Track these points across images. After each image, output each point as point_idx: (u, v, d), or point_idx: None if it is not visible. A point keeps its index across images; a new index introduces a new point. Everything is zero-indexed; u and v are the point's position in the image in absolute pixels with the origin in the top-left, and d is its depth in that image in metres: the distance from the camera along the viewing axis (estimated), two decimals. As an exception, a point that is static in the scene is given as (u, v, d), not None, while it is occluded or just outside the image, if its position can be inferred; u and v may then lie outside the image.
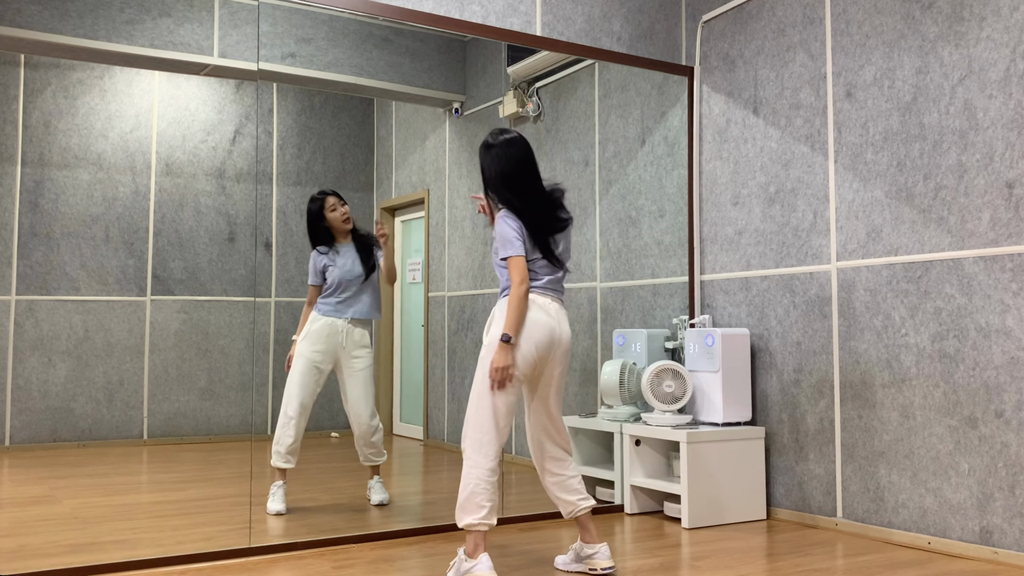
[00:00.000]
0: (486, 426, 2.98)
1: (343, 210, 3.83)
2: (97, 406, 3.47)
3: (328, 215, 3.81)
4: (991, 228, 3.41)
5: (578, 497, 3.17)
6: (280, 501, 3.71)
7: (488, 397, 2.99)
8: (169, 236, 3.64)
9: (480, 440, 2.97)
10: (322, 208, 3.81)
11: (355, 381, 3.81)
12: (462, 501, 2.94)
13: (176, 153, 3.65)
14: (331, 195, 3.83)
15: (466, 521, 2.92)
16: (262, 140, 3.80)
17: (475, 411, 3.01)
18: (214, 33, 3.64)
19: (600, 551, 3.13)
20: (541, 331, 3.05)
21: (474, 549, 2.92)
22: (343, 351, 3.80)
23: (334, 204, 3.82)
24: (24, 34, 3.33)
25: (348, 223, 3.84)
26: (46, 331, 3.39)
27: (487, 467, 2.95)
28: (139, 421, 3.54)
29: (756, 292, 4.36)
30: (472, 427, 2.99)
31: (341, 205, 3.83)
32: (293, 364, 3.72)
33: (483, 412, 2.99)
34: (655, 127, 4.69)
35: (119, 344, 3.51)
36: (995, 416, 3.37)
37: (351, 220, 3.85)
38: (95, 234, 3.49)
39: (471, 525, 2.92)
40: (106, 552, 3.22)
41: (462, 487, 2.96)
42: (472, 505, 2.93)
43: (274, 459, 3.68)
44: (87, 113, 3.49)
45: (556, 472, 3.17)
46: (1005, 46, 3.38)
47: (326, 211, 3.81)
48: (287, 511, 3.74)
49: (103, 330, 3.49)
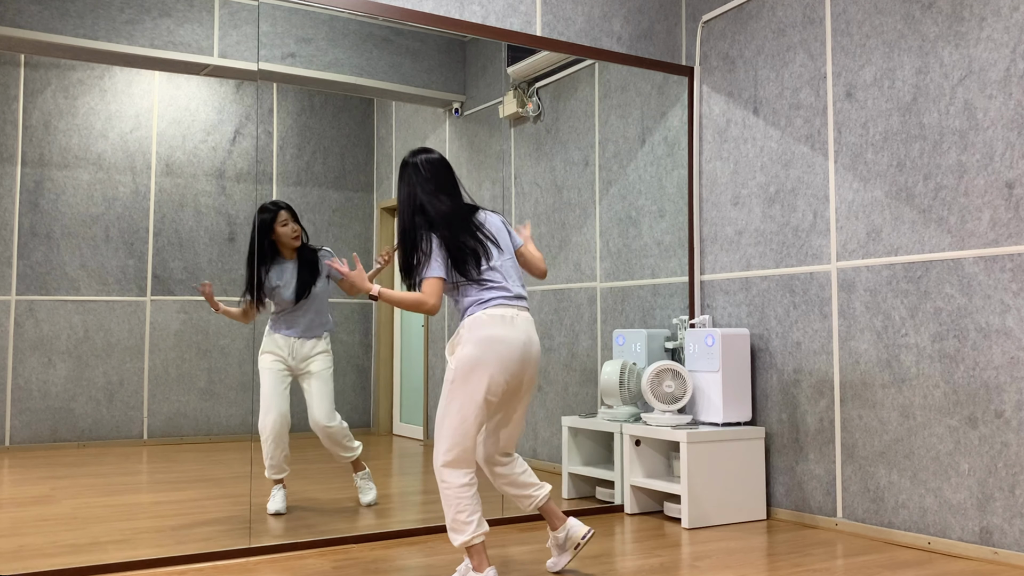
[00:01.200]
0: (456, 446, 2.91)
1: (294, 227, 3.74)
2: (97, 406, 3.47)
3: (279, 229, 3.73)
4: (991, 228, 3.41)
5: (533, 488, 3.15)
6: (280, 501, 3.71)
7: (456, 417, 2.91)
8: (169, 236, 3.64)
9: (449, 460, 2.91)
10: (273, 221, 3.72)
11: (309, 385, 3.79)
12: (449, 523, 2.91)
13: (176, 153, 3.65)
14: (284, 209, 3.74)
15: (460, 540, 2.90)
16: (262, 140, 3.80)
17: (443, 431, 2.92)
18: (214, 33, 3.64)
19: (571, 527, 3.13)
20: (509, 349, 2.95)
21: (479, 563, 2.91)
22: (294, 362, 3.78)
23: (286, 219, 3.73)
24: (24, 34, 3.33)
25: (296, 240, 3.75)
26: (46, 331, 3.39)
27: (460, 483, 2.91)
28: (139, 421, 3.54)
29: (756, 292, 4.36)
30: (441, 449, 2.92)
31: (293, 221, 3.74)
32: (261, 378, 3.70)
33: (451, 431, 2.91)
34: (655, 127, 4.69)
35: (119, 344, 3.51)
36: (995, 416, 3.37)
37: (300, 238, 3.77)
38: (95, 234, 3.49)
39: (467, 543, 2.90)
40: (106, 552, 3.22)
41: (445, 509, 2.93)
42: (459, 524, 2.90)
43: (268, 472, 3.68)
44: (87, 113, 3.49)
45: (506, 473, 3.14)
46: (1005, 46, 3.38)
47: (277, 224, 3.72)
48: (287, 511, 3.74)
49: (103, 330, 3.49)
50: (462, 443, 2.90)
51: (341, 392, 3.91)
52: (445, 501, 2.92)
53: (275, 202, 3.75)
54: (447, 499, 2.91)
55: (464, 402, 2.89)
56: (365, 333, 4.05)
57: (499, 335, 2.92)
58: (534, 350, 3.02)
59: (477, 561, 2.91)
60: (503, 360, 2.92)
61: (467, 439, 2.90)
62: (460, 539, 2.90)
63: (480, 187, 4.24)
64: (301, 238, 3.77)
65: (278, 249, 3.73)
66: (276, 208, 3.72)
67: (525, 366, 2.98)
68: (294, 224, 3.74)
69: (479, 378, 2.89)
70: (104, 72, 3.52)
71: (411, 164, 3.05)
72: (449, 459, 2.90)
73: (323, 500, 3.86)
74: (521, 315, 3.00)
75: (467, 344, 2.91)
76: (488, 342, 2.90)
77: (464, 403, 2.89)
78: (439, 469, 2.92)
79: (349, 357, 3.99)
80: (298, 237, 3.75)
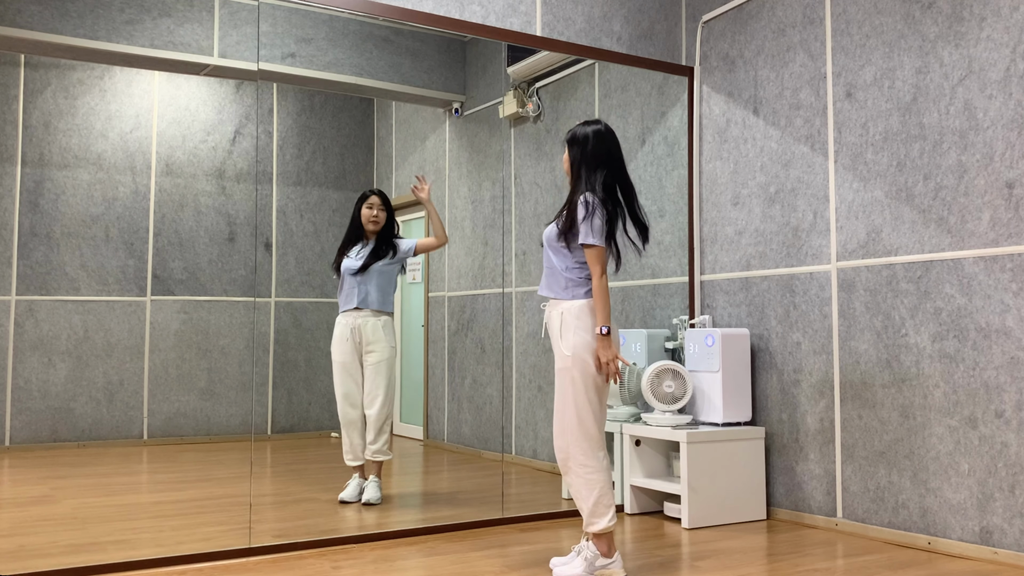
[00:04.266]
0: (591, 431, 3.03)
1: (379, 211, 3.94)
2: (97, 406, 3.47)
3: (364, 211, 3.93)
4: (991, 228, 3.41)
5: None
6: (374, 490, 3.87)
7: (585, 403, 3.02)
8: (169, 236, 3.64)
9: (589, 447, 3.03)
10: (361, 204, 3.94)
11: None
12: (591, 507, 3.02)
13: (176, 153, 3.65)
14: (374, 194, 3.95)
15: (601, 526, 3.02)
16: (262, 140, 3.80)
17: (575, 421, 3.03)
18: (214, 33, 3.64)
19: (616, 562, 3.18)
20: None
21: (608, 548, 3.05)
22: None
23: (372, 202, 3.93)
24: (24, 34, 3.33)
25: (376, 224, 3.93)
26: (46, 331, 3.39)
27: (603, 468, 3.04)
28: (139, 421, 3.54)
29: (756, 292, 4.36)
30: (577, 436, 3.03)
31: (380, 208, 3.94)
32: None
33: (584, 418, 3.03)
34: (655, 127, 4.69)
35: (119, 344, 3.51)
36: (995, 416, 3.37)
37: (379, 222, 3.93)
38: (95, 234, 3.49)
39: (606, 528, 3.02)
40: (106, 552, 3.22)
41: (587, 495, 3.03)
42: (602, 508, 3.02)
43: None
44: (87, 113, 3.49)
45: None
46: (1005, 46, 3.38)
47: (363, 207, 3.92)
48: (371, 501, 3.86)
49: (103, 330, 3.49)
50: (593, 423, 3.07)
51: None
52: (589, 487, 3.03)
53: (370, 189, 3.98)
54: (591, 484, 3.02)
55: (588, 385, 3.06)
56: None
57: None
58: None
59: (607, 546, 3.05)
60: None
61: (598, 419, 3.08)
62: (601, 524, 3.02)
63: (480, 187, 4.24)
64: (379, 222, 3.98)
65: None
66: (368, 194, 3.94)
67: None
68: (380, 210, 3.95)
69: (591, 363, 3.05)
70: (104, 72, 3.52)
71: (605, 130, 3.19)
72: (586, 446, 3.03)
73: (323, 500, 3.86)
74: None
75: (582, 332, 3.05)
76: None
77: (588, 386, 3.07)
78: (578, 458, 3.03)
79: (349, 357, 3.98)
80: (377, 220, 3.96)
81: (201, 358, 3.67)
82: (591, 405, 3.03)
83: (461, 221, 4.22)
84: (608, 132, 3.15)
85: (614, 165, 3.13)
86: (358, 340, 3.82)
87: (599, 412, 3.06)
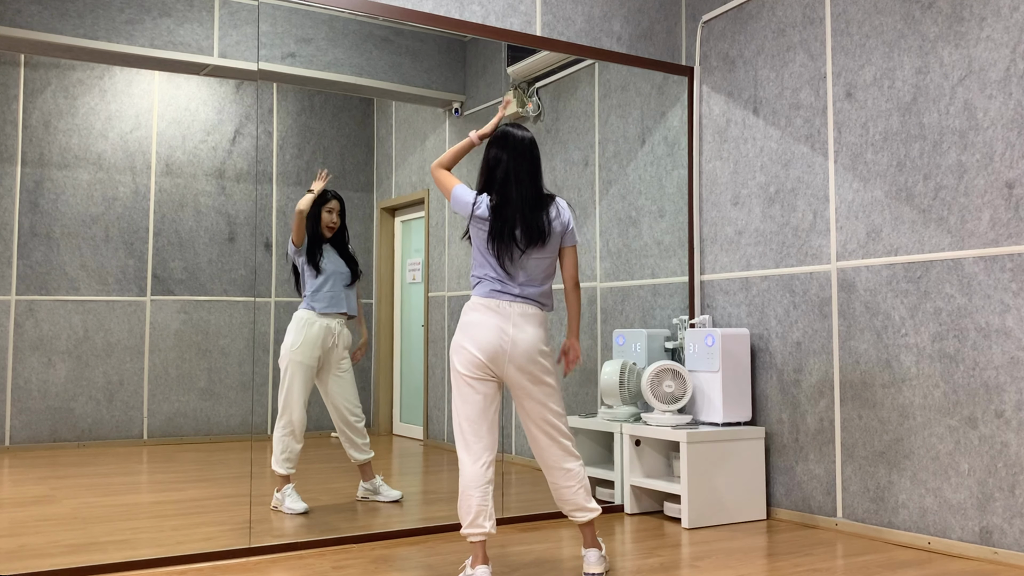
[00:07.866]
0: (463, 427, 2.98)
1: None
2: (97, 406, 3.47)
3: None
4: (991, 228, 3.41)
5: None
6: (298, 500, 3.75)
7: (456, 399, 2.98)
8: (169, 236, 3.64)
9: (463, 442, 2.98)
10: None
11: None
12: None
13: (176, 153, 3.65)
14: (335, 199, 3.86)
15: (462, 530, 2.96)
16: (262, 140, 3.80)
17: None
18: (214, 33, 3.64)
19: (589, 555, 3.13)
20: (484, 332, 2.97)
21: (474, 557, 2.94)
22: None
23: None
24: (24, 34, 3.33)
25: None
26: (46, 331, 3.39)
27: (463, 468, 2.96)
28: (139, 421, 3.54)
29: (756, 292, 4.36)
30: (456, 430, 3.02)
31: (339, 213, 3.86)
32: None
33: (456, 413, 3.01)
34: (655, 127, 4.69)
35: (119, 344, 3.51)
36: (995, 416, 3.37)
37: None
38: (95, 234, 3.49)
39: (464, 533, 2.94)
40: (106, 552, 3.22)
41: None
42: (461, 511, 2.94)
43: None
44: (87, 113, 3.49)
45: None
46: (1005, 46, 3.38)
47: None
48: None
49: (103, 330, 3.49)
50: (463, 420, 3.06)
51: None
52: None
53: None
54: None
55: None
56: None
57: (475, 320, 3.08)
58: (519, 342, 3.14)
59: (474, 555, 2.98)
60: (474, 339, 3.08)
61: (470, 417, 3.06)
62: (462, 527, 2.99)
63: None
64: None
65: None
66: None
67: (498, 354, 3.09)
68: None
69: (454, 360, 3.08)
70: (104, 72, 3.52)
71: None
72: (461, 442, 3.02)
73: (323, 500, 3.86)
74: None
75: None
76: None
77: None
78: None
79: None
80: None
81: (201, 358, 3.67)
82: (458, 405, 2.99)
83: (461, 221, 4.22)
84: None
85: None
86: (333, 345, 3.81)
87: (472, 413, 2.96)
